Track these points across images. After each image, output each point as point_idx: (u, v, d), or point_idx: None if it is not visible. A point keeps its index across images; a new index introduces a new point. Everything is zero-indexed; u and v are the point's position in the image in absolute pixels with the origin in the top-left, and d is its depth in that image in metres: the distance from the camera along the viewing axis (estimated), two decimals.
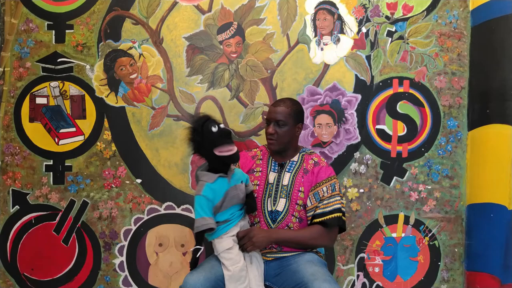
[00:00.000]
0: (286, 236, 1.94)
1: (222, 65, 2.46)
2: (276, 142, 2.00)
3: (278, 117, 1.99)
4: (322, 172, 2.00)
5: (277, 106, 2.02)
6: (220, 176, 1.83)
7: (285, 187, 2.00)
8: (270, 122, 2.01)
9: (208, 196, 1.79)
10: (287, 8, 2.46)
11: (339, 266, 2.48)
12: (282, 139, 2.00)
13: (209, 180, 1.82)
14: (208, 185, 1.81)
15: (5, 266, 2.45)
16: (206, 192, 1.80)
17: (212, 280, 1.78)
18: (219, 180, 1.83)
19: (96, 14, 2.44)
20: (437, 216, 2.50)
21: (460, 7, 2.49)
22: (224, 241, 1.83)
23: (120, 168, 2.45)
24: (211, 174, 1.83)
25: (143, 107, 2.46)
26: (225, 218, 1.84)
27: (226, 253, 1.82)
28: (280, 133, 1.99)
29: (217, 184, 1.82)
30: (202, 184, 1.82)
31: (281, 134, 1.99)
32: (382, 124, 2.50)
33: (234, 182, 1.86)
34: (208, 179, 1.82)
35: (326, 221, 1.93)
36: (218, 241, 1.84)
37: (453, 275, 2.52)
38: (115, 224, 2.45)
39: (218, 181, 1.83)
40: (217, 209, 1.82)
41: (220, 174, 1.83)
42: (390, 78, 2.49)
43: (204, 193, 1.80)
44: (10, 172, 2.44)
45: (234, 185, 1.86)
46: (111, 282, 2.46)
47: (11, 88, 2.44)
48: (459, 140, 2.50)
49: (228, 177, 1.85)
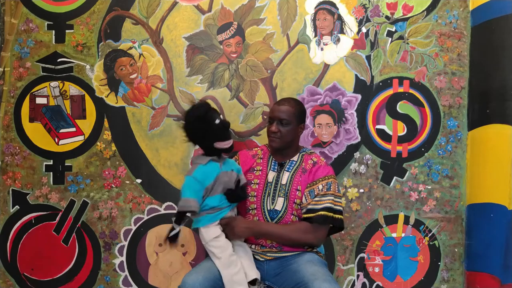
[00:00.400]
0: (269, 229, 1.95)
1: (222, 65, 2.46)
2: (278, 140, 2.00)
3: (282, 116, 1.99)
4: (320, 170, 2.00)
5: (281, 105, 2.02)
6: (212, 160, 1.88)
7: (283, 186, 2.00)
8: (274, 121, 2.01)
9: (198, 177, 1.83)
10: (287, 8, 2.46)
11: (339, 266, 2.48)
12: (284, 138, 2.00)
13: (201, 162, 1.87)
14: (201, 167, 1.85)
15: (5, 266, 2.45)
16: (197, 173, 1.84)
17: (211, 280, 1.78)
18: (211, 163, 1.88)
19: (96, 14, 2.43)
20: (437, 216, 2.50)
21: (460, 7, 2.49)
22: (211, 230, 1.84)
23: (120, 168, 2.45)
24: (204, 156, 1.89)
25: (143, 107, 2.46)
26: (214, 205, 1.85)
27: (214, 241, 1.83)
28: (283, 132, 1.99)
29: (209, 166, 1.86)
30: (195, 166, 1.87)
31: (284, 133, 1.99)
32: (382, 124, 2.50)
33: (225, 169, 1.90)
34: (201, 161, 1.87)
35: (312, 218, 1.92)
36: (205, 230, 1.85)
37: (453, 275, 2.52)
38: (115, 224, 2.45)
39: (210, 163, 1.87)
40: (207, 191, 1.84)
41: (212, 157, 1.88)
42: (390, 78, 2.49)
43: (195, 174, 1.84)
44: (10, 172, 2.44)
45: (225, 171, 1.90)
46: (111, 282, 2.45)
47: (11, 88, 2.44)
48: (459, 140, 2.50)
49: (220, 162, 1.90)
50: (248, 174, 2.05)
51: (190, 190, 1.81)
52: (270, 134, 2.02)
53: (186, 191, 1.82)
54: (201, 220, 1.85)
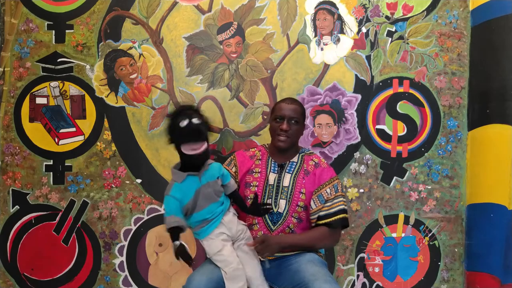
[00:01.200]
0: (294, 241, 1.94)
1: (222, 65, 2.46)
2: (288, 139, 1.98)
3: (293, 114, 1.98)
4: (324, 173, 2.00)
5: (290, 104, 2.01)
6: (190, 175, 1.77)
7: (285, 188, 1.99)
8: (282, 119, 1.98)
9: (176, 196, 1.75)
10: (287, 8, 2.46)
11: (339, 266, 2.48)
12: (293, 137, 2.00)
13: (177, 179, 1.78)
14: (176, 185, 1.77)
15: (5, 266, 2.45)
16: (174, 191, 1.76)
17: (214, 281, 1.77)
18: (188, 179, 1.77)
19: (96, 14, 2.44)
20: (437, 216, 2.50)
21: (460, 7, 2.49)
22: (213, 244, 1.80)
23: (120, 168, 2.45)
24: (180, 173, 1.77)
25: (143, 107, 2.46)
26: (205, 218, 1.80)
27: (218, 255, 1.79)
28: (294, 131, 1.99)
29: (185, 183, 1.77)
30: (171, 184, 1.79)
31: (294, 132, 1.99)
32: (382, 124, 2.50)
33: (206, 180, 1.79)
34: (177, 178, 1.78)
35: (331, 223, 1.94)
36: (207, 244, 1.81)
37: (453, 275, 2.52)
38: (115, 224, 2.45)
39: (187, 180, 1.77)
40: (190, 209, 1.78)
41: (189, 172, 1.77)
42: (390, 78, 2.49)
43: (172, 193, 1.76)
44: (10, 172, 2.44)
45: (207, 182, 1.79)
46: (111, 282, 2.46)
47: (11, 88, 2.44)
48: (459, 140, 2.50)
49: (199, 175, 1.78)
50: (247, 176, 2.03)
51: (171, 209, 1.75)
52: (279, 132, 1.97)
53: (167, 211, 1.76)
54: (199, 233, 1.83)
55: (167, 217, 1.75)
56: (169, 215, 1.75)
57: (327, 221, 1.94)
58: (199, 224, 1.81)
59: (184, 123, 1.71)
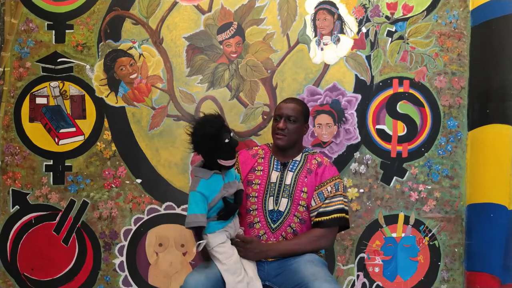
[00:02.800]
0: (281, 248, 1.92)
1: (222, 65, 2.46)
2: (285, 138, 1.99)
3: (290, 113, 1.99)
4: (326, 171, 2.00)
5: (288, 103, 2.03)
6: (215, 173, 1.83)
7: (287, 186, 1.99)
8: (281, 118, 2.00)
9: (203, 192, 1.79)
10: (287, 8, 2.46)
11: (339, 266, 2.48)
12: (291, 135, 2.00)
13: (204, 176, 1.82)
14: (204, 181, 1.81)
15: (5, 266, 2.45)
16: (201, 188, 1.80)
17: (213, 279, 1.77)
18: (214, 176, 1.83)
19: (96, 14, 2.43)
20: (437, 216, 2.50)
21: (460, 7, 2.48)
22: (217, 236, 1.83)
23: (120, 168, 2.45)
24: (206, 170, 1.83)
25: (143, 107, 2.46)
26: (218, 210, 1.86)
27: (220, 247, 1.81)
28: (291, 129, 1.99)
29: (212, 180, 1.82)
30: (197, 180, 1.82)
31: (291, 130, 1.99)
32: (382, 124, 2.50)
33: (228, 179, 1.86)
34: (204, 175, 1.82)
35: (324, 221, 1.93)
36: (211, 236, 1.83)
37: (453, 275, 2.52)
38: (115, 224, 2.45)
39: (213, 177, 1.83)
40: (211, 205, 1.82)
41: (215, 171, 1.83)
42: (390, 78, 2.49)
43: (199, 188, 1.79)
44: (10, 172, 2.44)
45: (228, 182, 1.86)
46: (111, 282, 2.45)
47: (11, 88, 2.44)
48: (459, 140, 2.50)
49: (223, 174, 1.85)
50: (249, 174, 2.04)
51: (198, 205, 1.78)
52: (277, 131, 2.00)
53: (194, 207, 1.78)
54: (207, 228, 1.83)
55: (191, 215, 1.78)
56: (192, 213, 1.77)
57: (321, 219, 1.94)
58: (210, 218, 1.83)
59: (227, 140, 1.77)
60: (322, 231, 1.94)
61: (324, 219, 1.93)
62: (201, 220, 1.77)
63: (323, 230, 1.94)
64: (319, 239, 1.94)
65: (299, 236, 1.96)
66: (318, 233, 1.94)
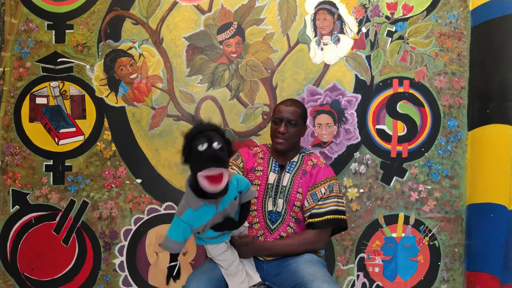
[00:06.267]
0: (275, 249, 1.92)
1: (222, 65, 2.46)
2: (286, 142, 1.98)
3: (291, 116, 1.97)
4: (320, 173, 2.00)
5: (288, 106, 2.00)
6: (206, 204, 1.59)
7: (284, 188, 1.99)
8: (281, 121, 1.98)
9: (187, 221, 1.62)
10: (287, 8, 2.46)
11: (339, 266, 2.48)
12: (292, 139, 1.99)
13: (192, 205, 1.59)
14: (190, 211, 1.60)
15: (5, 266, 2.45)
16: (186, 217, 1.61)
17: (215, 280, 1.77)
18: (204, 208, 1.59)
19: (96, 14, 2.44)
20: (437, 216, 2.50)
21: (460, 7, 2.49)
22: (218, 247, 1.79)
23: (120, 168, 2.45)
24: (196, 199, 1.57)
25: (143, 107, 2.46)
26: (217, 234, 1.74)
27: (221, 255, 1.80)
28: (292, 133, 1.98)
29: (200, 211, 1.60)
30: (184, 207, 1.61)
31: (292, 134, 1.98)
32: (382, 124, 2.50)
33: (223, 206, 1.64)
34: (192, 204, 1.59)
35: (316, 223, 1.92)
36: (211, 247, 1.79)
37: (453, 275, 2.52)
38: (115, 224, 2.45)
39: (203, 208, 1.59)
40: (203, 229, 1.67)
41: (206, 200, 1.58)
42: (390, 78, 2.49)
43: (184, 218, 1.61)
44: (10, 172, 2.44)
45: (223, 209, 1.64)
46: (111, 282, 2.46)
47: (11, 88, 2.44)
48: (459, 140, 2.50)
49: (217, 203, 1.61)
50: (250, 174, 2.04)
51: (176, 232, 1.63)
52: (277, 135, 1.98)
53: (172, 231, 1.64)
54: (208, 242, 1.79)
55: (168, 238, 1.65)
56: (170, 237, 1.65)
57: (313, 220, 1.93)
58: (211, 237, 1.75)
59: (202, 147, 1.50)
60: (314, 233, 1.94)
61: (316, 221, 1.93)
62: (175, 248, 1.65)
63: (315, 231, 1.93)
64: (311, 241, 1.93)
65: (292, 237, 1.96)
66: (311, 235, 1.94)
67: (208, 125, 1.59)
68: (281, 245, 1.94)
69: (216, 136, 1.54)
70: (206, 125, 1.59)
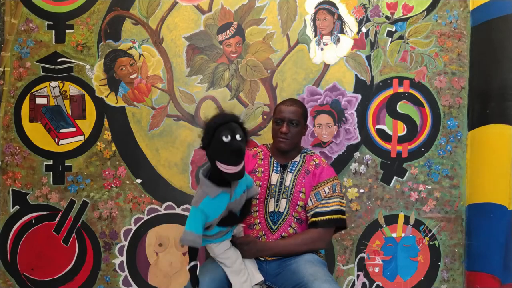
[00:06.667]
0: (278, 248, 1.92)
1: (222, 65, 2.46)
2: (288, 141, 1.98)
3: (293, 116, 1.98)
4: (324, 172, 2.00)
5: (290, 106, 2.00)
6: (223, 191, 1.66)
7: (287, 187, 1.99)
8: (283, 121, 1.98)
9: (206, 210, 1.65)
10: (287, 8, 2.46)
11: (339, 266, 2.48)
12: (294, 139, 1.99)
13: (211, 193, 1.65)
14: (209, 199, 1.65)
15: (5, 266, 2.45)
16: (205, 206, 1.65)
17: (217, 280, 1.78)
18: (221, 195, 1.66)
19: (96, 14, 2.44)
20: (437, 216, 2.50)
21: (460, 7, 2.49)
22: (220, 245, 1.80)
23: (120, 168, 2.45)
24: (215, 187, 1.65)
25: (143, 107, 2.46)
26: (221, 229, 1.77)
27: (224, 254, 1.80)
28: (294, 133, 1.98)
29: (218, 199, 1.66)
30: (202, 196, 1.66)
31: (294, 134, 1.98)
32: (382, 124, 2.50)
33: (235, 197, 1.71)
34: (210, 192, 1.65)
35: (320, 222, 1.93)
36: (214, 246, 1.80)
37: (453, 275, 2.52)
38: (115, 224, 2.45)
39: (220, 196, 1.66)
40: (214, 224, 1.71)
41: (224, 188, 1.66)
42: (390, 78, 2.49)
43: (203, 206, 1.65)
44: (10, 172, 2.44)
45: (235, 200, 1.71)
46: (111, 282, 2.46)
47: (11, 88, 2.44)
48: (459, 140, 2.50)
49: (231, 192, 1.69)
50: (250, 175, 2.02)
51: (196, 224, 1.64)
52: (279, 135, 1.98)
53: (192, 225, 1.64)
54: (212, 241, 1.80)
55: (188, 232, 1.65)
56: (190, 230, 1.65)
57: (317, 219, 1.94)
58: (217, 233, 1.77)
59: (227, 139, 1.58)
60: (318, 232, 1.94)
61: (320, 220, 1.93)
62: (197, 241, 1.65)
63: (319, 230, 1.94)
64: (314, 240, 1.94)
65: (295, 237, 1.96)
66: (314, 234, 1.94)
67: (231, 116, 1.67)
68: (284, 245, 1.94)
69: (238, 128, 1.63)
70: (229, 116, 1.66)
